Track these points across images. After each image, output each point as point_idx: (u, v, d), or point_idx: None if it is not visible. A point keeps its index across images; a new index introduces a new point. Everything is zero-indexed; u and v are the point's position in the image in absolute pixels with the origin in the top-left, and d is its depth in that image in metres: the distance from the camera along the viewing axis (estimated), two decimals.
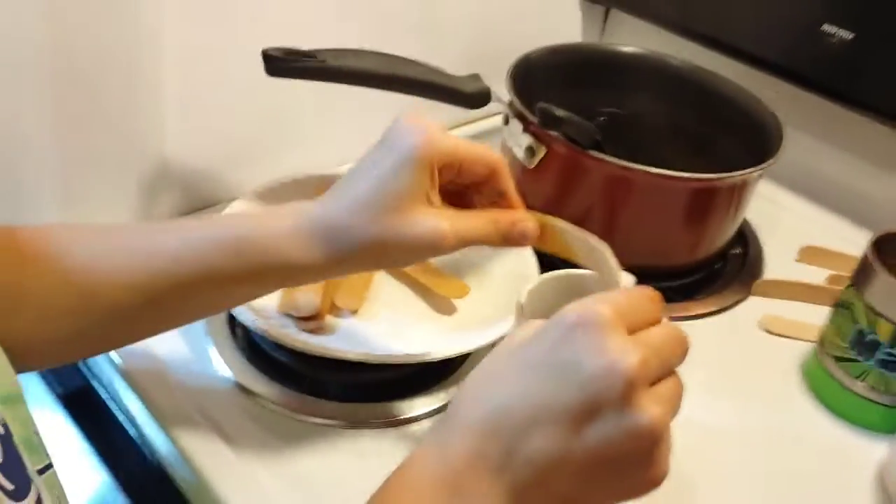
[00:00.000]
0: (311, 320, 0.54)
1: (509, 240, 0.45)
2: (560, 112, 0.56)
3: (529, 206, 0.68)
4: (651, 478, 0.33)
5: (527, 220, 0.45)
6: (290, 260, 0.42)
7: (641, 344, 0.33)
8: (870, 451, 0.56)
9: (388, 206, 0.41)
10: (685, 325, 0.65)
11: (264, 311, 0.55)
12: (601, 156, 0.61)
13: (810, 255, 0.75)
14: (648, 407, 0.32)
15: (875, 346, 0.55)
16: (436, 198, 0.43)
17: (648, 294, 0.36)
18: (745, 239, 0.77)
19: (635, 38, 0.91)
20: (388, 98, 0.63)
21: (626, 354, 0.32)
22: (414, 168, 0.41)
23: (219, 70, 0.64)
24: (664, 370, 0.34)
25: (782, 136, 0.67)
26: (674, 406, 0.34)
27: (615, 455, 0.32)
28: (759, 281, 0.70)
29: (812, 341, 0.62)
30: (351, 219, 0.42)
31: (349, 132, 0.77)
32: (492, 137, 0.73)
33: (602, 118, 0.78)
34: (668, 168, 0.62)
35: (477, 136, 0.86)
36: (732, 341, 0.66)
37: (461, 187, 0.45)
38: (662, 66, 0.75)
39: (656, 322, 0.35)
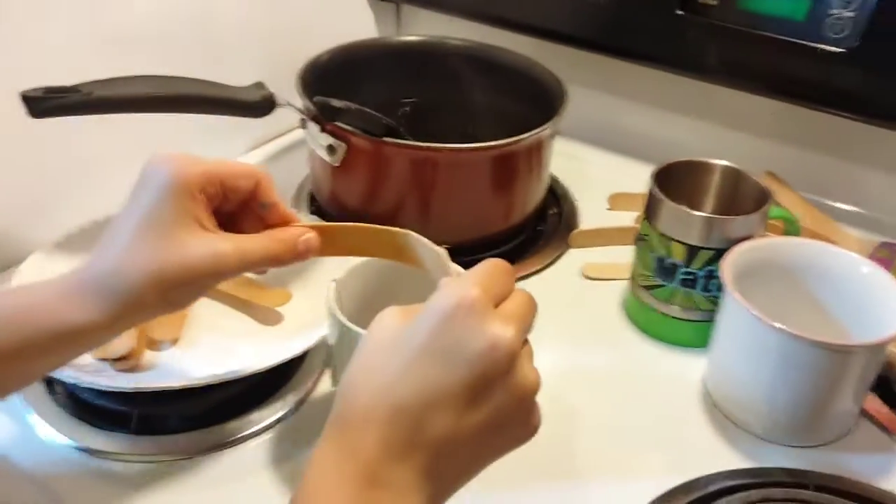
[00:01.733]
0: (126, 360, 0.52)
1: (297, 254, 0.45)
2: (337, 102, 0.57)
3: (345, 205, 0.70)
4: (532, 428, 0.38)
5: (309, 232, 0.45)
6: (68, 322, 0.40)
7: (511, 317, 0.36)
8: (694, 365, 0.60)
9: (155, 239, 0.40)
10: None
11: (79, 361, 0.52)
12: (397, 141, 0.62)
13: (619, 201, 0.79)
14: (529, 372, 0.36)
15: (674, 268, 0.59)
16: (209, 222, 0.42)
17: (504, 266, 0.38)
18: (559, 198, 0.80)
19: (431, 29, 0.94)
20: (179, 124, 0.62)
21: (505, 331, 0.35)
22: (172, 196, 0.40)
23: None
24: (527, 335, 0.38)
25: (565, 94, 0.70)
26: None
27: (504, 418, 0.36)
28: (574, 233, 0.74)
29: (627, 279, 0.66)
30: (119, 264, 0.40)
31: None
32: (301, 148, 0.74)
33: (405, 108, 0.80)
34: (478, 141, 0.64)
35: (287, 149, 0.85)
36: (558, 293, 0.69)
37: (232, 213, 0.45)
38: (446, 48, 0.78)
39: (511, 290, 0.38)
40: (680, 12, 0.75)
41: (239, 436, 0.52)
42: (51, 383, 0.55)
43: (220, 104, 0.58)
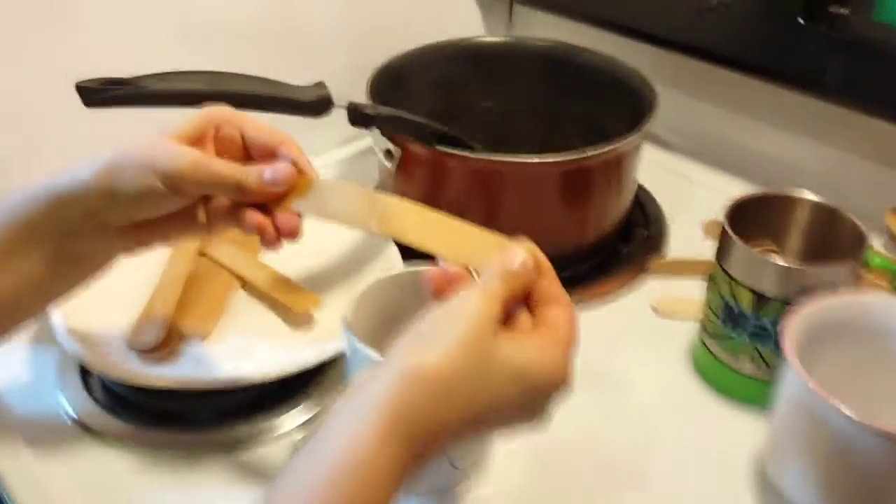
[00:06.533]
0: (153, 352, 0.53)
1: (262, 184, 0.43)
2: (372, 110, 0.54)
3: None
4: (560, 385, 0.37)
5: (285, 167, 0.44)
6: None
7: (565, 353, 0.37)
8: (755, 427, 0.53)
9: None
10: (580, 312, 0.63)
11: (108, 348, 0.54)
12: (451, 151, 0.59)
13: (713, 229, 0.71)
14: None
15: (743, 318, 0.52)
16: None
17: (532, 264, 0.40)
18: (649, 218, 0.74)
19: (542, 30, 0.89)
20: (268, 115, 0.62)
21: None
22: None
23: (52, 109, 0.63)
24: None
25: (655, 101, 0.64)
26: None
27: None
28: (654, 262, 0.67)
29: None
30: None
31: None
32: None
33: (484, 112, 0.77)
34: (560, 150, 0.59)
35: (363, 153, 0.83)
36: (624, 327, 0.63)
37: None
38: (526, 49, 0.73)
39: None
40: (802, 21, 0.66)
41: (254, 439, 0.52)
42: (85, 373, 0.56)
43: (274, 102, 0.57)
